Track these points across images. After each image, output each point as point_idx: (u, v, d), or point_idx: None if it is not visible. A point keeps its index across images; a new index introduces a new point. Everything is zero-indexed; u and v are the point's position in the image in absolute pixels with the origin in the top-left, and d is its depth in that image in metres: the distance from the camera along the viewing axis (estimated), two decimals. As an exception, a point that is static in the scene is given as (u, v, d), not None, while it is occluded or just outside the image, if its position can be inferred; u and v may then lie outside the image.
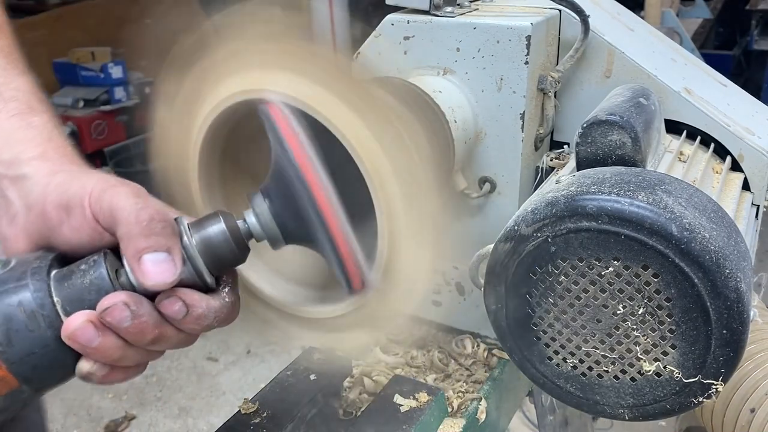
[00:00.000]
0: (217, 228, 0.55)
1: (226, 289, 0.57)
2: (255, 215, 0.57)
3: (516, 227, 0.60)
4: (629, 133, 0.65)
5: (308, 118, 0.56)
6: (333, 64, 0.58)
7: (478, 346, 0.96)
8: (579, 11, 0.82)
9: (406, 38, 0.85)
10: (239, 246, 0.56)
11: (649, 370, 0.59)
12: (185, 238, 0.54)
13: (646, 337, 0.58)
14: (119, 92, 4.66)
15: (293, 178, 0.53)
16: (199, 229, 0.55)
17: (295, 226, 0.56)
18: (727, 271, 0.54)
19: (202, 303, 0.54)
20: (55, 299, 0.51)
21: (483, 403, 0.87)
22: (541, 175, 0.88)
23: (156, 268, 0.51)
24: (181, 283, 0.53)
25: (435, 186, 0.60)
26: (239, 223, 0.56)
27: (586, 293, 0.59)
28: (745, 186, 0.84)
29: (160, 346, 0.54)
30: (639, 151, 0.66)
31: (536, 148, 0.87)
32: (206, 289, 0.55)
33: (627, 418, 0.63)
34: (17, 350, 0.50)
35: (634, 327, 0.58)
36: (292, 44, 0.58)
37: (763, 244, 3.11)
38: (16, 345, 0.50)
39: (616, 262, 0.57)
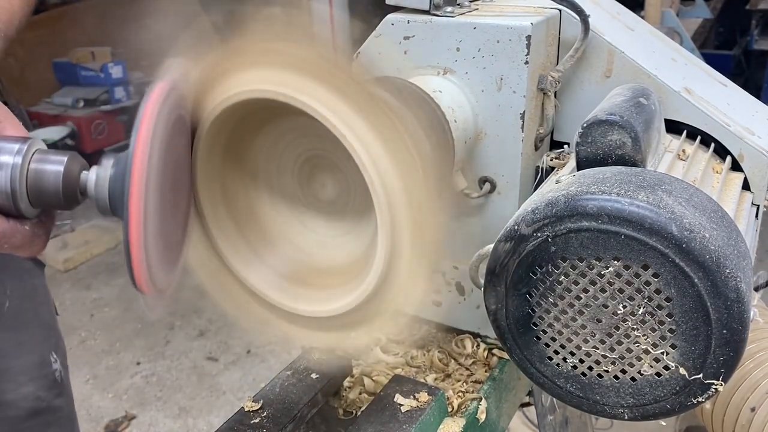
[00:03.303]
0: (55, 167, 0.55)
1: (33, 220, 0.57)
2: (96, 174, 0.56)
3: (516, 227, 0.60)
4: (629, 133, 0.65)
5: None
6: (333, 64, 0.58)
7: (478, 346, 0.96)
8: (579, 11, 0.82)
9: (406, 38, 0.85)
10: (67, 193, 0.56)
11: (649, 371, 0.59)
12: (18, 158, 0.54)
13: (646, 337, 0.58)
14: (119, 92, 4.66)
15: (129, 156, 0.52)
16: (42, 159, 0.55)
17: (118, 203, 0.55)
18: (727, 270, 0.54)
19: None
20: None
21: (483, 403, 0.87)
22: (541, 175, 0.88)
23: None
24: None
25: (435, 186, 0.60)
26: (83, 174, 0.56)
27: (586, 293, 0.59)
28: (745, 186, 0.84)
29: None
30: (639, 151, 0.66)
31: (536, 148, 0.87)
32: (15, 211, 0.55)
33: (627, 417, 0.63)
34: None
35: (634, 327, 0.58)
36: (293, 44, 0.58)
37: (763, 244, 3.11)
38: None
39: (616, 261, 0.57)
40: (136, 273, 0.53)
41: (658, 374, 0.59)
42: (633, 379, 0.61)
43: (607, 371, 0.61)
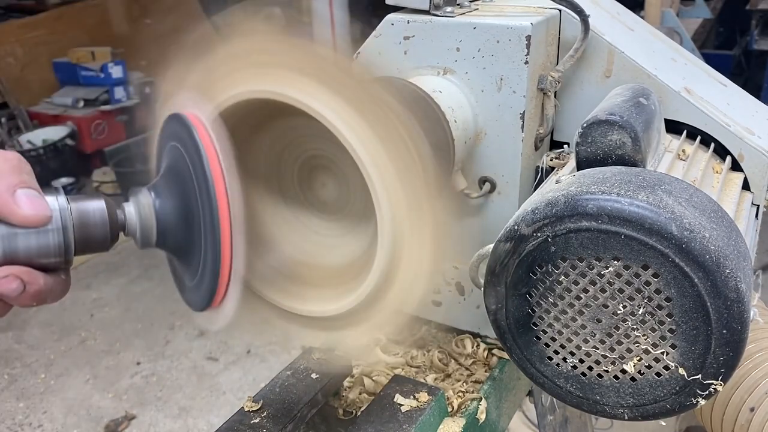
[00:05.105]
0: (98, 207, 0.54)
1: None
2: (135, 208, 0.56)
3: (516, 227, 0.60)
4: (629, 132, 0.65)
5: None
6: (334, 64, 0.58)
7: (478, 346, 0.96)
8: (579, 11, 0.82)
9: (406, 38, 0.85)
10: (112, 232, 0.55)
11: (649, 371, 0.59)
12: (60, 202, 0.53)
13: (646, 337, 0.58)
14: (119, 92, 4.67)
15: (199, 184, 0.53)
16: (79, 204, 0.54)
17: (176, 229, 0.55)
18: (727, 270, 0.54)
19: (39, 280, 0.52)
20: None
21: (483, 403, 0.87)
22: (541, 175, 0.88)
23: (31, 202, 0.51)
24: (42, 252, 0.52)
25: (435, 186, 0.60)
26: (119, 212, 0.56)
27: (586, 293, 0.59)
28: (745, 186, 0.84)
29: None
30: (639, 150, 0.66)
31: (536, 148, 0.87)
32: (64, 264, 0.54)
33: (627, 417, 0.63)
34: None
35: (634, 327, 0.58)
36: (293, 43, 0.58)
37: (763, 244, 3.11)
38: None
39: (616, 261, 0.57)
40: (219, 294, 0.55)
41: (658, 374, 0.59)
42: (633, 379, 0.61)
43: (607, 371, 0.61)
